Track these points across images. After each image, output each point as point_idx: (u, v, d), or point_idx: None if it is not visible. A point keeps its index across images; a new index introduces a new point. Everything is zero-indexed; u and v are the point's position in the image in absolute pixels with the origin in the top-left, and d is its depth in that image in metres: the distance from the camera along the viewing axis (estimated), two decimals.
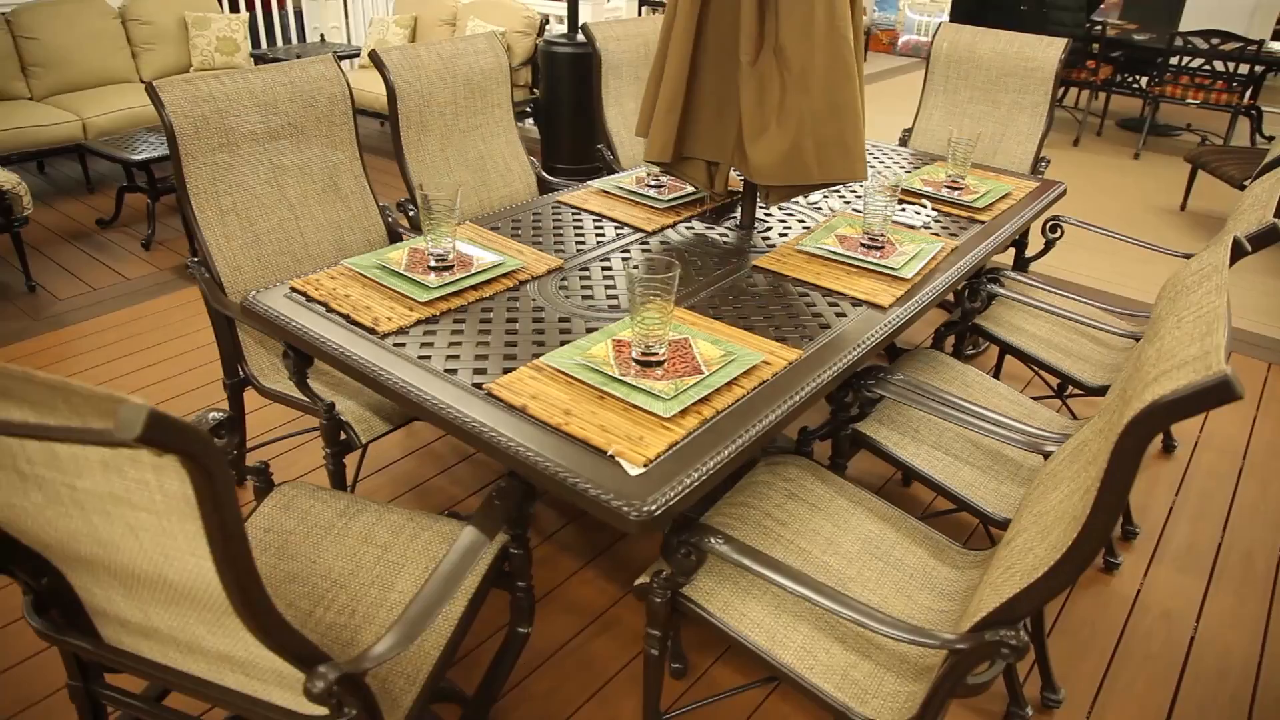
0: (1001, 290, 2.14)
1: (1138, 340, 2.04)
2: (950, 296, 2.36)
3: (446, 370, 1.49)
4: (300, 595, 1.51)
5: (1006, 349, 2.29)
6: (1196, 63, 5.65)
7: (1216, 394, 0.85)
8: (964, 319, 2.20)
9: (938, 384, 2.03)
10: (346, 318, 1.65)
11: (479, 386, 1.44)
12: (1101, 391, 2.15)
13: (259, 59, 5.35)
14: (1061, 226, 2.60)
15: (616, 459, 1.28)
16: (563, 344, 1.58)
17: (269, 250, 2.13)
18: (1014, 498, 1.76)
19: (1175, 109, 6.51)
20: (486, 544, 1.34)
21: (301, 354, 1.74)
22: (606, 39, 2.78)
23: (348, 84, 2.25)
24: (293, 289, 1.75)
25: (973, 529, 2.27)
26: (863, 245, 1.97)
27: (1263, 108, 5.74)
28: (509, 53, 2.68)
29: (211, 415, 1.60)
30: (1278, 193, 1.53)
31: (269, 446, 2.52)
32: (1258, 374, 3.12)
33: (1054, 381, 2.80)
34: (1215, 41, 5.26)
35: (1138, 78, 6.05)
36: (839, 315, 1.71)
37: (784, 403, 1.42)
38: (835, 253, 1.93)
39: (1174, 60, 5.64)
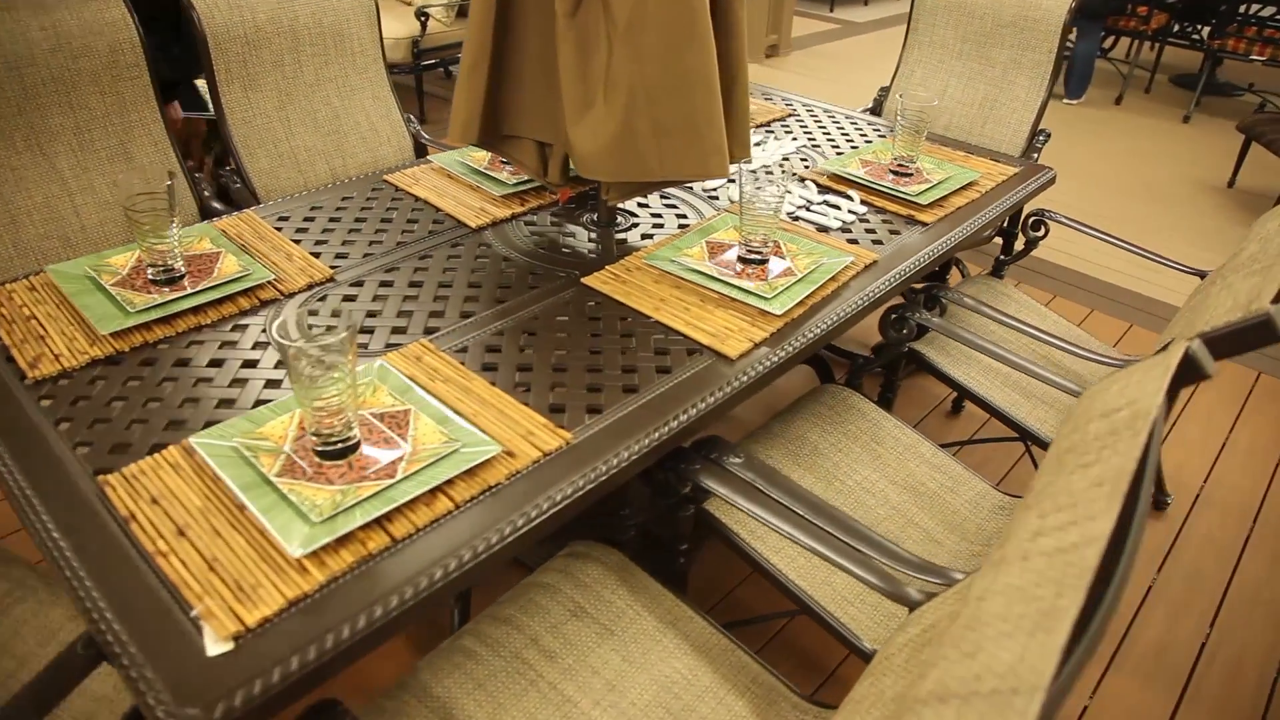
0: (936, 321, 1.64)
1: None
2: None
3: (79, 444, 1.09)
4: None
5: (950, 385, 1.81)
6: (1268, 11, 4.84)
7: None
8: (886, 351, 1.72)
9: (835, 441, 1.57)
10: (5, 351, 1.25)
11: (100, 474, 1.04)
12: None
13: None
14: (1046, 223, 2.07)
15: (201, 623, 0.87)
16: (257, 405, 1.17)
17: (30, 235, 1.74)
18: (901, 620, 1.31)
19: (1239, 66, 5.63)
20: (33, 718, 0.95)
21: None
22: None
23: (137, 28, 1.81)
24: None
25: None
26: (740, 259, 1.50)
27: None
28: None
29: None
30: None
31: None
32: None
33: None
34: None
35: (1197, 27, 5.24)
36: (661, 371, 1.26)
37: (505, 527, 0.99)
38: (694, 270, 1.46)
39: (1241, 8, 4.84)
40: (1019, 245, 2.22)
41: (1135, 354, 2.10)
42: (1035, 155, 2.37)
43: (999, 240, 2.36)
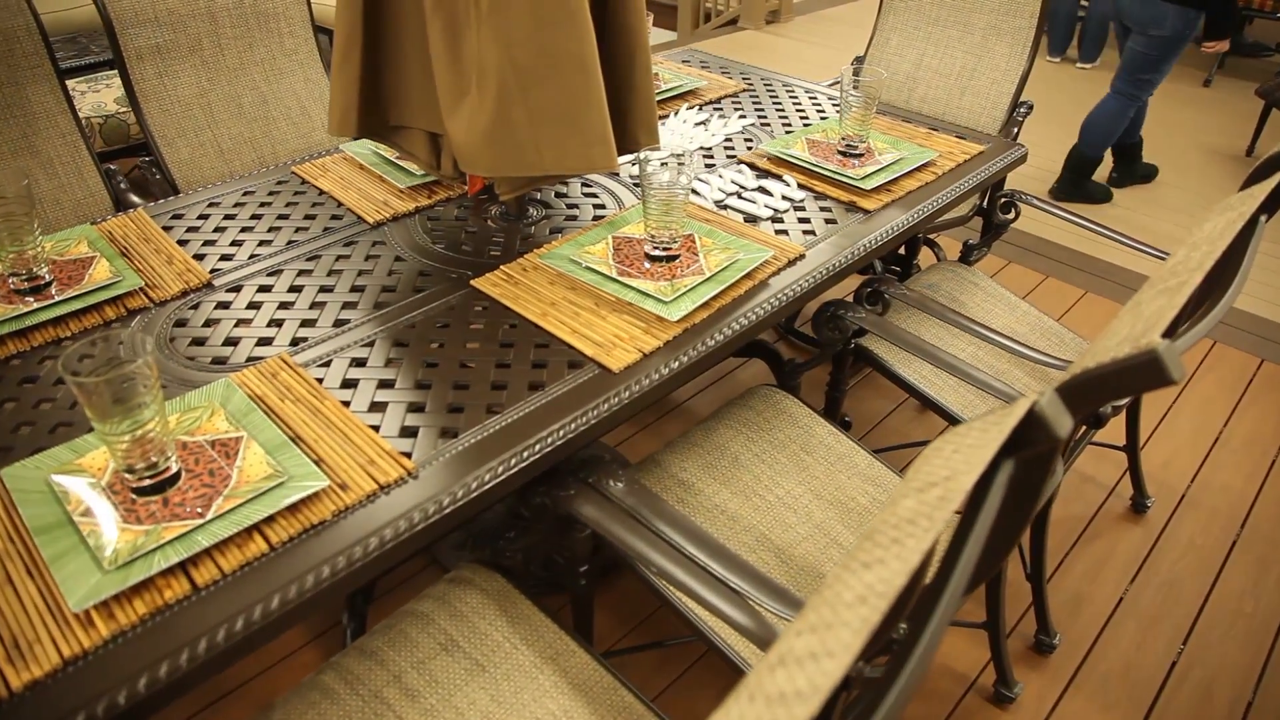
0: (869, 320, 1.51)
1: None
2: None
3: None
4: None
5: (900, 385, 1.68)
6: None
7: None
8: (821, 353, 1.60)
9: (760, 450, 1.47)
10: None
11: None
12: None
13: None
14: (1017, 205, 1.93)
15: None
16: (91, 431, 1.08)
17: None
18: None
19: (1268, 25, 5.30)
20: None
21: None
22: None
23: (33, 13, 1.73)
24: None
25: None
26: (647, 256, 1.38)
27: None
28: None
29: None
30: (1208, 264, 0.87)
31: None
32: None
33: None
34: None
35: None
36: (533, 387, 1.15)
37: (324, 568, 0.90)
38: (591, 270, 1.35)
39: None
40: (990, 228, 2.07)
41: None
42: (1016, 130, 2.21)
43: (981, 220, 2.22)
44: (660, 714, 1.13)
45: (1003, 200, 1.93)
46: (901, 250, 2.25)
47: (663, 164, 1.29)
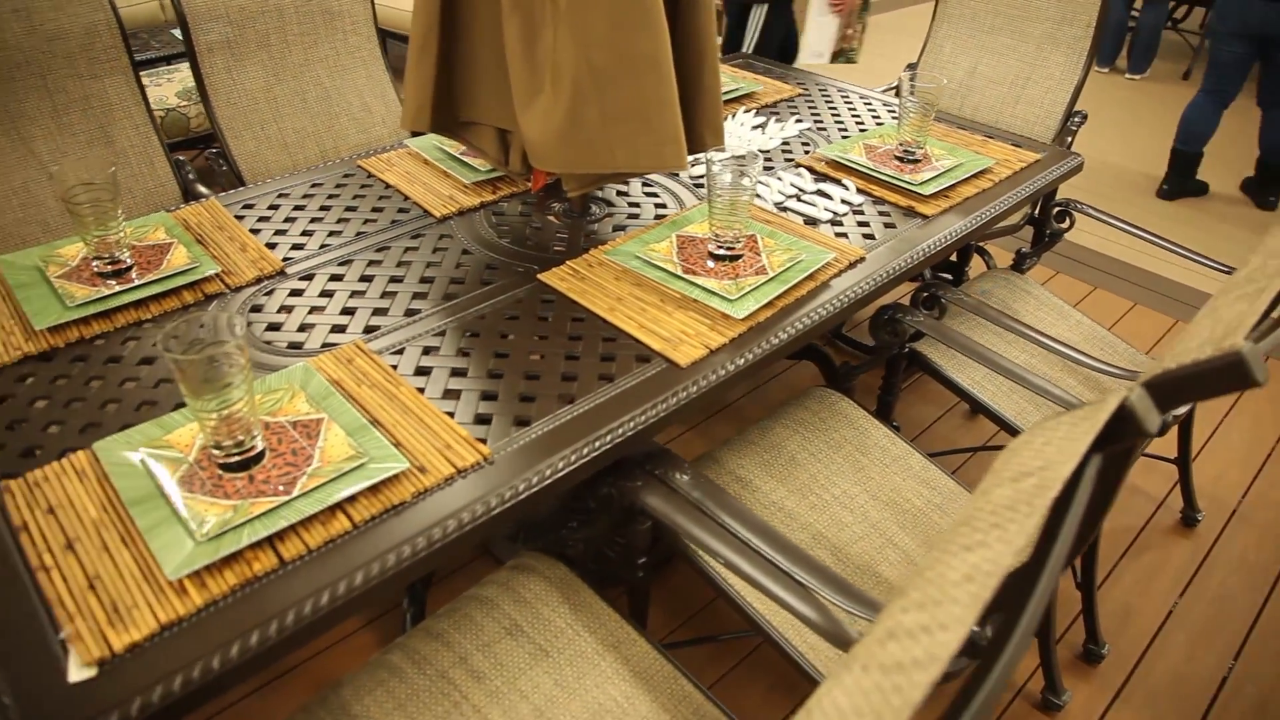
0: (927, 324, 1.52)
1: None
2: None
3: None
4: None
5: (953, 390, 1.69)
6: None
7: None
8: (877, 355, 1.61)
9: (816, 450, 1.48)
10: None
11: (4, 479, 1.00)
12: None
13: None
14: (1072, 215, 1.92)
15: (69, 645, 0.83)
16: (177, 408, 1.12)
17: (7, 220, 1.73)
18: None
19: None
20: None
21: None
22: None
23: (114, 9, 1.78)
24: None
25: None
26: (711, 254, 1.40)
27: None
28: None
29: None
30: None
31: None
32: None
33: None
34: None
35: None
36: (603, 379, 1.17)
37: (405, 548, 0.93)
38: (657, 267, 1.37)
39: None
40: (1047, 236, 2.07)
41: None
42: (1070, 139, 2.21)
43: (1032, 229, 2.22)
44: (719, 704, 1.14)
45: (1057, 209, 1.93)
46: (953, 257, 2.25)
47: (730, 165, 1.31)
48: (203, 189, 1.89)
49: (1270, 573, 1.86)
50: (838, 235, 1.53)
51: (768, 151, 1.83)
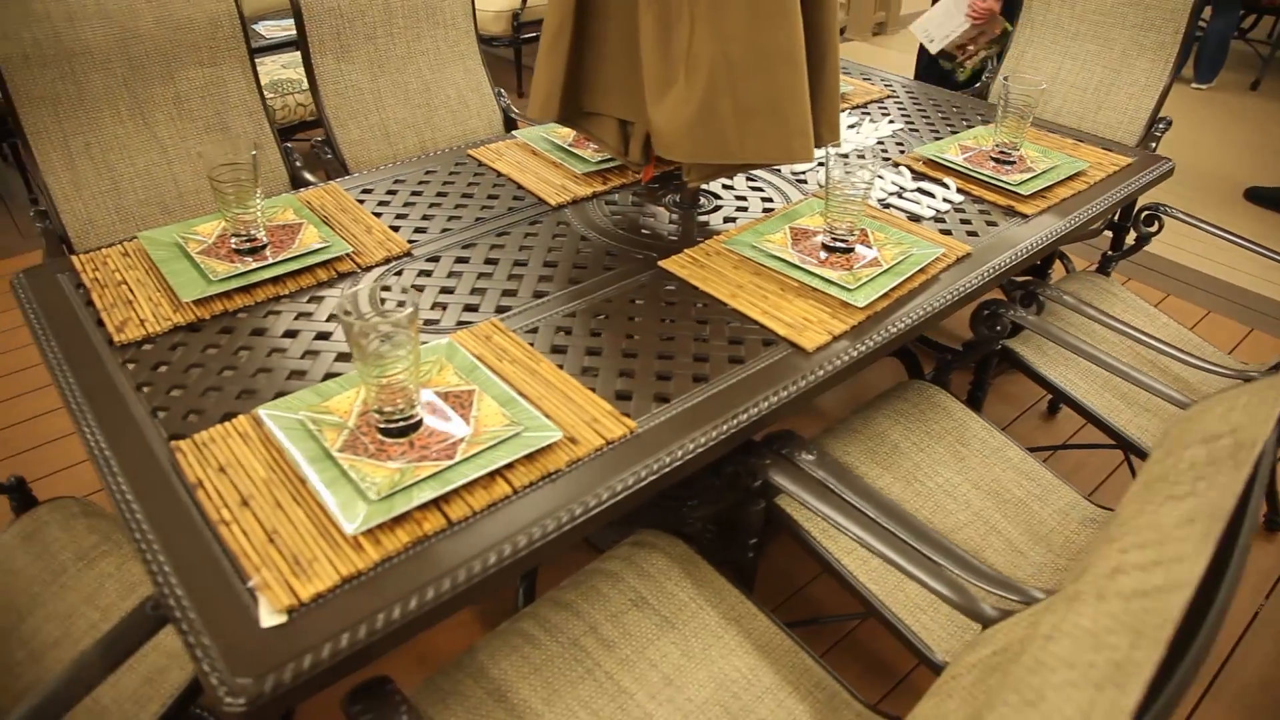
0: (1031, 320, 1.55)
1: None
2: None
3: (156, 409, 1.12)
4: None
5: (1046, 388, 1.71)
6: None
7: None
8: (976, 349, 1.63)
9: (918, 440, 1.51)
10: (97, 316, 1.29)
11: (174, 440, 1.06)
12: None
13: None
14: (1159, 218, 1.94)
15: (257, 595, 0.88)
16: (327, 378, 1.17)
17: (131, 201, 1.80)
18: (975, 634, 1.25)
19: None
20: (100, 676, 0.97)
21: None
22: None
23: (235, 1, 1.85)
24: (72, 268, 1.40)
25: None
26: (824, 247, 1.44)
27: None
28: None
29: None
30: None
31: None
32: None
33: None
34: None
35: None
36: (733, 361, 1.21)
37: (562, 514, 0.97)
38: (775, 256, 1.41)
39: None
40: (1129, 241, 2.08)
41: (1254, 362, 1.96)
42: (1154, 145, 2.22)
43: (1109, 234, 2.23)
44: (838, 677, 1.18)
45: (1146, 213, 1.94)
46: (1037, 261, 2.26)
47: (850, 161, 1.34)
48: (309, 176, 1.95)
49: None
50: (941, 232, 1.56)
51: (862, 151, 1.87)
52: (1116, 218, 2.20)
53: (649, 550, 1.29)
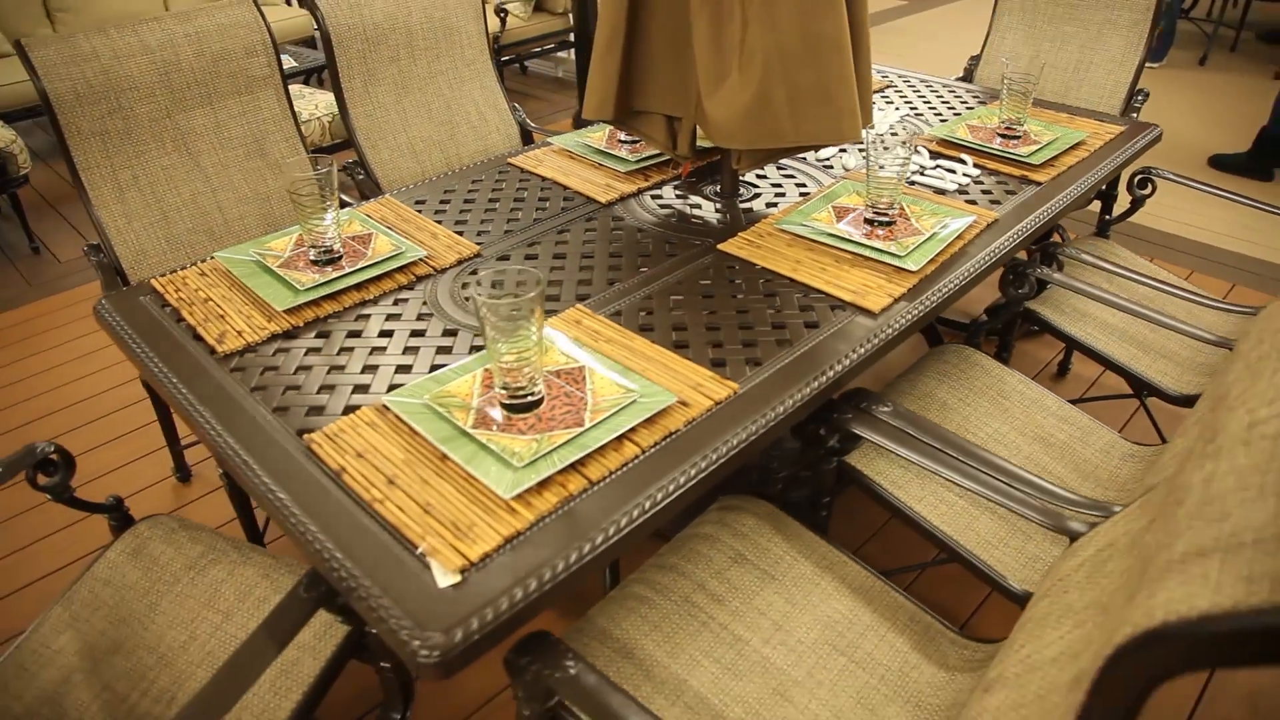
0: (1056, 276, 1.66)
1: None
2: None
3: (276, 409, 1.18)
4: (120, 674, 1.25)
5: (1069, 342, 1.83)
6: None
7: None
8: (1006, 308, 1.74)
9: (963, 396, 1.60)
10: (193, 331, 1.35)
11: (303, 434, 1.12)
12: (1188, 402, 1.68)
13: None
14: (1153, 181, 2.07)
15: (427, 560, 0.94)
16: (433, 369, 1.24)
17: (180, 229, 1.85)
18: (1046, 561, 1.34)
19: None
20: (273, 655, 1.03)
21: None
22: None
23: (268, 30, 1.91)
24: (154, 290, 1.46)
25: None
26: (866, 221, 1.54)
27: None
28: None
29: (41, 448, 1.36)
30: None
31: (201, 446, 2.26)
32: None
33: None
34: None
35: None
36: (809, 326, 1.30)
37: (690, 468, 1.05)
38: (825, 233, 1.51)
39: None
40: (1122, 205, 2.21)
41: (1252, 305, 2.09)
42: (1135, 115, 2.36)
43: (1097, 204, 2.36)
44: (929, 610, 1.26)
45: (1140, 176, 2.07)
46: (1058, 222, 2.39)
47: (888, 137, 1.44)
48: (344, 197, 2.01)
49: None
50: (967, 203, 1.67)
51: (893, 129, 1.98)
52: (1105, 186, 2.33)
53: (737, 513, 1.37)
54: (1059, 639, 0.84)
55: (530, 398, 1.10)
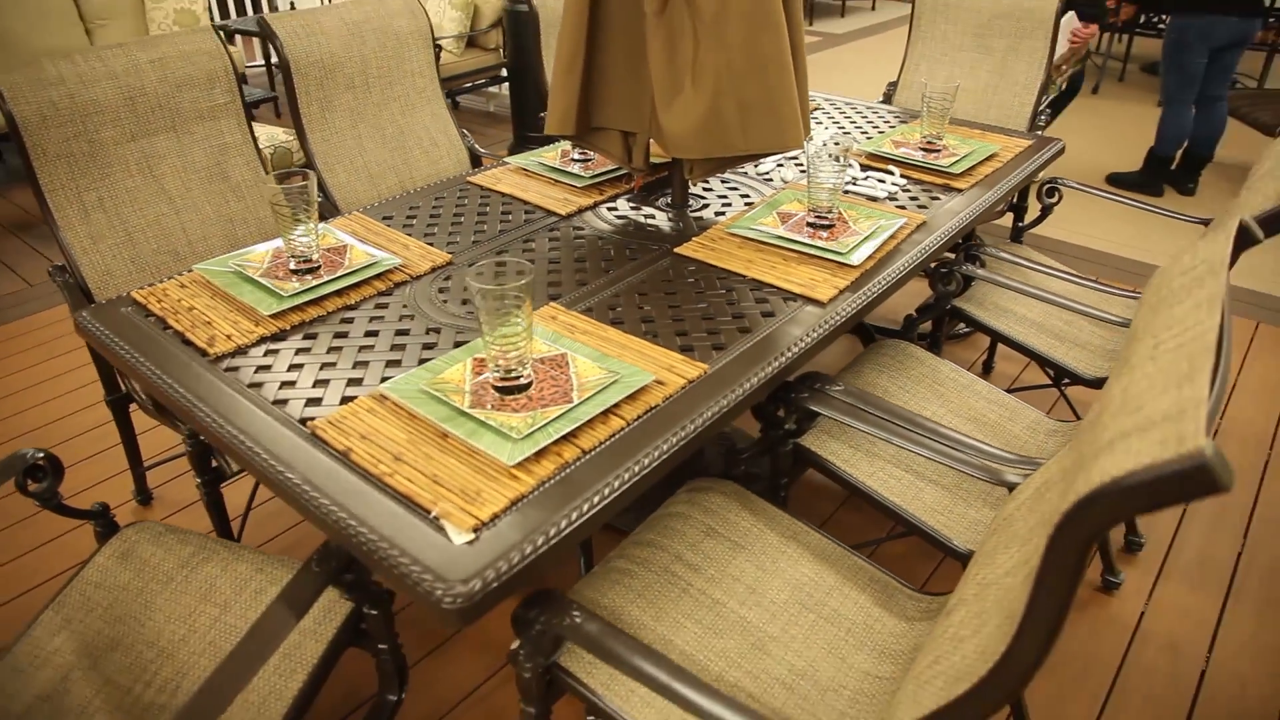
0: (979, 272, 1.83)
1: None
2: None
3: (276, 402, 1.24)
4: (121, 669, 1.28)
5: (993, 336, 2.00)
6: None
7: (1186, 483, 0.57)
8: (937, 304, 1.90)
9: (902, 384, 1.75)
10: (181, 336, 1.40)
11: (305, 423, 1.19)
12: (1099, 384, 1.85)
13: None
14: (1060, 190, 2.28)
15: (441, 522, 1.02)
16: (421, 363, 1.32)
17: (145, 250, 1.89)
18: (986, 524, 1.48)
19: None
20: (292, 624, 1.09)
21: None
22: None
23: (230, 58, 1.98)
24: (135, 301, 1.50)
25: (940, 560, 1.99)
26: (808, 225, 1.68)
27: None
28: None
29: (30, 454, 1.39)
30: None
31: (161, 470, 2.27)
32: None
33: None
34: None
35: (1163, 17, 5.56)
36: (766, 315, 1.43)
37: (671, 437, 1.15)
38: (773, 235, 1.64)
39: None
40: (1033, 214, 2.42)
41: None
42: (1040, 132, 2.58)
43: (1009, 216, 2.57)
44: (885, 570, 1.39)
45: (1048, 186, 2.28)
46: (976, 226, 2.59)
47: (825, 148, 1.59)
48: None
49: (1256, 473, 2.20)
50: (897, 208, 1.83)
51: (836, 138, 2.13)
52: (1015, 198, 2.54)
53: (706, 493, 1.48)
54: (1010, 558, 0.96)
55: (521, 380, 1.20)
